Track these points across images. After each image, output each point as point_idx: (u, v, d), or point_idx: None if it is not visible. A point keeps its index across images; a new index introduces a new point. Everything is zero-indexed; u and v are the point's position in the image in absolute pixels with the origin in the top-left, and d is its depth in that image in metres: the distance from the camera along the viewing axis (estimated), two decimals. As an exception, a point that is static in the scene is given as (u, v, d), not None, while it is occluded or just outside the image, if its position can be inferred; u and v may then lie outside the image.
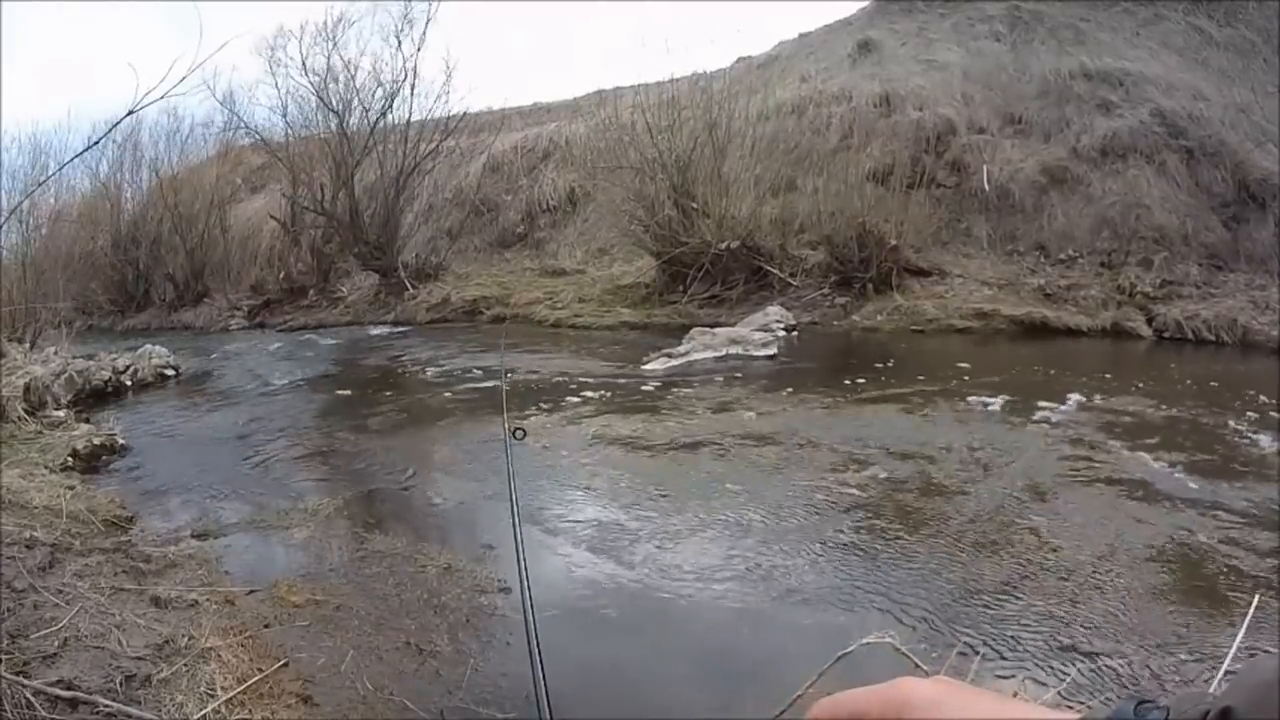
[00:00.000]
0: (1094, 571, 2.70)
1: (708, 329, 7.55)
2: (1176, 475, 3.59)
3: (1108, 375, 5.54)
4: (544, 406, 5.47)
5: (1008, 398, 4.98)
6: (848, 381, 5.67)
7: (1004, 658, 2.21)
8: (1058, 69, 9.95)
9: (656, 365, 6.62)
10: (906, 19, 12.26)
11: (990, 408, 4.81)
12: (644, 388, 5.90)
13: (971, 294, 8.00)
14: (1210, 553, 2.82)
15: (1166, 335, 6.98)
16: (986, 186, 9.10)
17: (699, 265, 9.04)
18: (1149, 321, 7.17)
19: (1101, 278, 7.94)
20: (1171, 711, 0.40)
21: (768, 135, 10.25)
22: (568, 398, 5.68)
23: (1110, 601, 2.50)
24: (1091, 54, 10.02)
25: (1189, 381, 5.34)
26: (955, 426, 4.47)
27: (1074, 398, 4.93)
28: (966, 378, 5.60)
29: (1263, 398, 4.85)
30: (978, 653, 2.19)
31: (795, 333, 7.72)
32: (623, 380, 6.21)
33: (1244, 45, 10.00)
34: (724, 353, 6.88)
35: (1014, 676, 2.11)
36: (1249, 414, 4.51)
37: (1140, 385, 5.24)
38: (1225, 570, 2.69)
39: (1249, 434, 4.15)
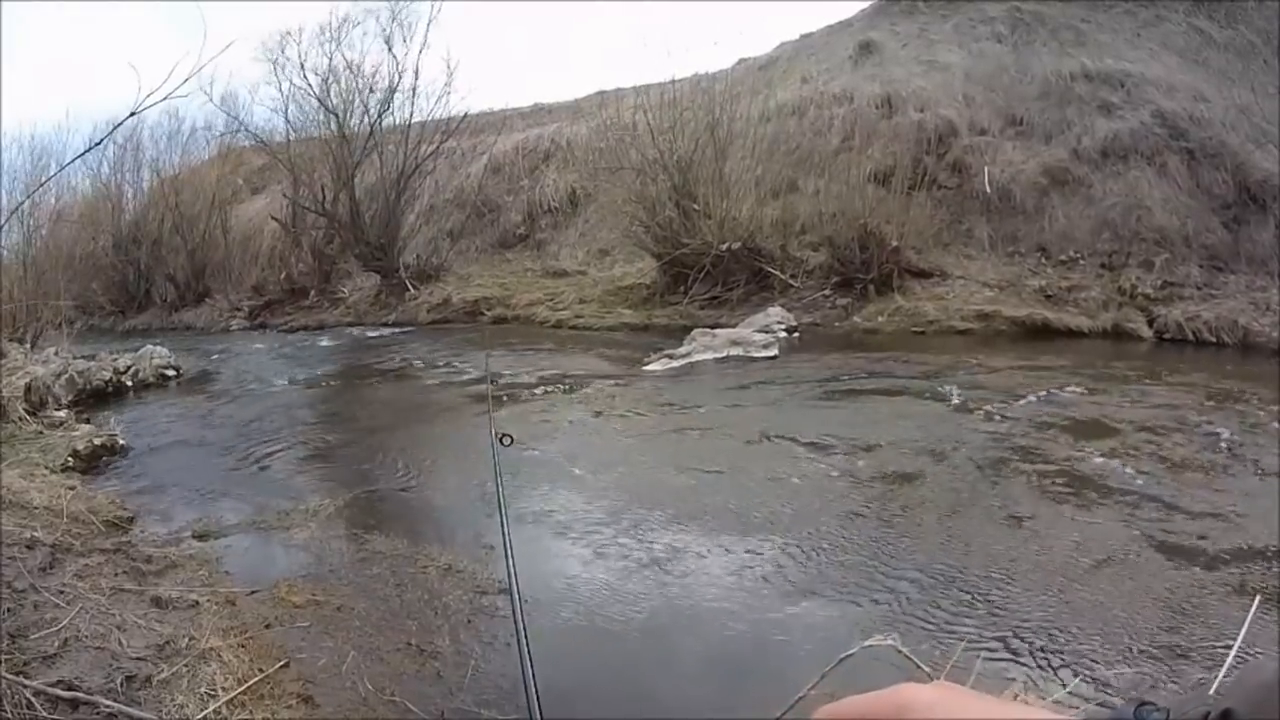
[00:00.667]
0: (1084, 570, 2.70)
1: (709, 330, 7.55)
2: (1170, 475, 3.59)
3: (1107, 377, 5.53)
4: (544, 408, 5.47)
5: (1003, 398, 4.98)
6: (848, 381, 5.68)
7: (999, 656, 2.21)
8: (1059, 70, 9.93)
9: (657, 366, 6.62)
10: (907, 20, 12.25)
11: (986, 407, 4.81)
12: (645, 389, 5.90)
13: (972, 295, 8.00)
14: (1200, 554, 2.81)
15: (1167, 336, 6.96)
16: (988, 188, 9.09)
17: (700, 266, 9.04)
18: (1150, 323, 7.15)
19: (1102, 279, 7.93)
20: (1172, 713, 0.40)
21: (769, 136, 10.24)
22: (568, 399, 5.68)
23: (1097, 602, 2.49)
24: (1092, 55, 10.01)
25: (1188, 383, 5.33)
26: (950, 425, 4.47)
27: (1070, 399, 4.93)
28: (963, 375, 5.59)
29: (1259, 400, 4.84)
30: (980, 653, 2.19)
31: (796, 334, 7.72)
32: (624, 381, 6.21)
33: (1244, 46, 9.98)
34: (725, 354, 6.88)
35: (1016, 679, 2.11)
36: (1245, 416, 4.50)
37: (1139, 387, 5.23)
38: (1218, 572, 2.68)
39: (1243, 436, 4.15)
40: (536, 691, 0.94)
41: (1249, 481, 3.54)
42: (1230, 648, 1.81)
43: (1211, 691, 0.42)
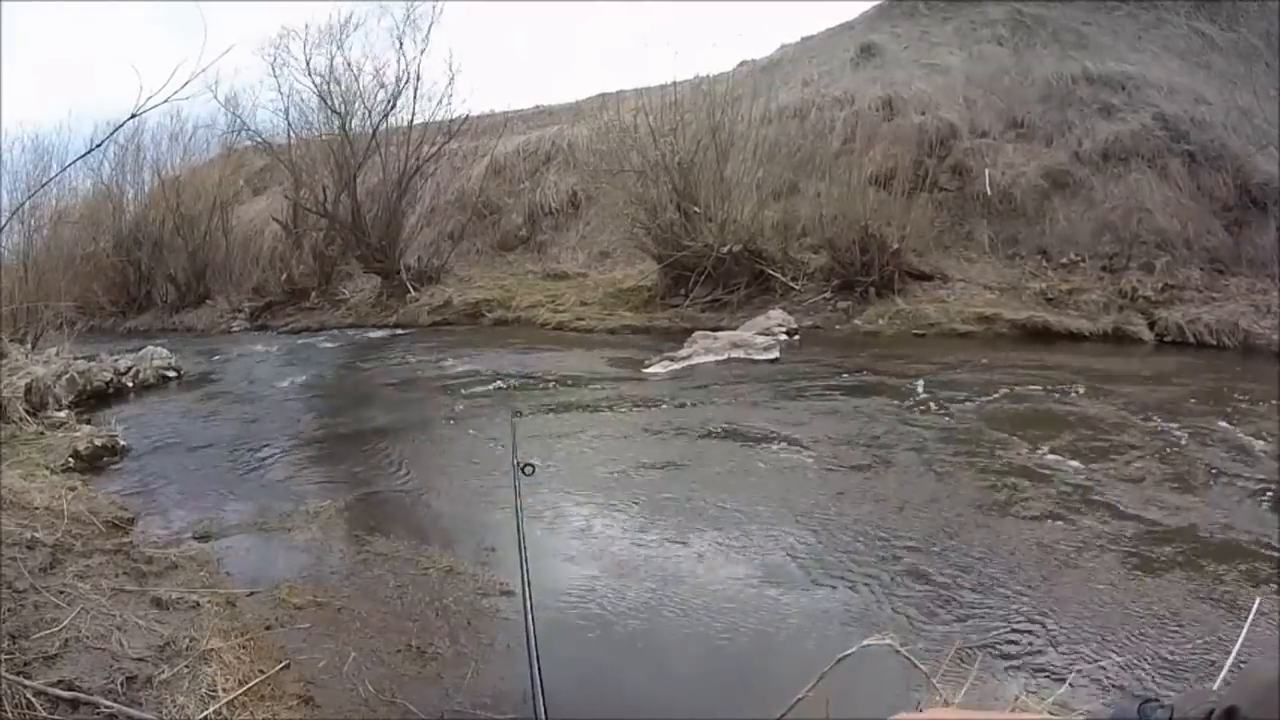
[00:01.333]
0: (1072, 570, 2.70)
1: (710, 332, 7.55)
2: (1164, 477, 3.59)
3: (1106, 378, 5.52)
4: (544, 410, 5.47)
5: (1005, 398, 4.98)
6: (849, 382, 5.67)
7: (990, 654, 2.21)
8: (1060, 73, 9.94)
9: (658, 368, 6.62)
10: (908, 22, 12.27)
11: (984, 406, 4.81)
12: (645, 391, 5.90)
13: (973, 298, 8.00)
14: (1203, 552, 2.81)
15: (1168, 339, 6.96)
16: (988, 190, 9.09)
17: (701, 269, 9.05)
18: (1150, 325, 7.16)
19: (1103, 281, 7.93)
20: (1175, 711, 0.41)
21: (770, 139, 10.25)
22: (568, 401, 5.68)
23: (1083, 602, 2.49)
24: (1093, 58, 10.02)
25: (1188, 385, 5.33)
26: (948, 424, 4.47)
27: (1067, 399, 4.93)
28: (963, 376, 5.59)
29: (1259, 402, 4.84)
30: (977, 652, 2.19)
31: (797, 336, 7.72)
32: (625, 383, 6.21)
33: (1246, 49, 10.00)
34: (726, 356, 6.88)
35: (1016, 680, 2.10)
36: (1242, 417, 4.50)
37: (1139, 388, 5.23)
38: (1217, 570, 2.68)
39: (1240, 437, 4.15)
40: (543, 692, 0.95)
41: (1242, 481, 3.54)
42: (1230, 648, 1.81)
43: (1215, 689, 0.42)
